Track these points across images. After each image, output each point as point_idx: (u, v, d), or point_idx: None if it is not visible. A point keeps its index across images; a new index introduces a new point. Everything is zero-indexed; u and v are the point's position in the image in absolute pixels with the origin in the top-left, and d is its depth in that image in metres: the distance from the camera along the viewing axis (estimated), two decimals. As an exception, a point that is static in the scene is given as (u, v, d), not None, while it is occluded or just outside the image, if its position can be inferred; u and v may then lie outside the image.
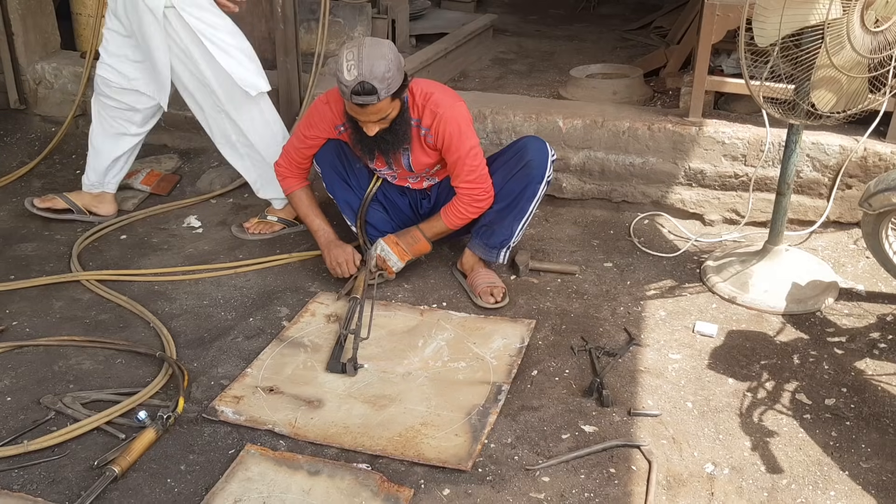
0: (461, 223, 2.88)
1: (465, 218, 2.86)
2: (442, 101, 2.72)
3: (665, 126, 3.34)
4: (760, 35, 2.39)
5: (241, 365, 2.54)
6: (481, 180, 2.79)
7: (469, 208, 2.83)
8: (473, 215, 2.86)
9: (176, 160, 4.04)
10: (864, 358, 2.54)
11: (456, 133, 2.71)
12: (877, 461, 2.12)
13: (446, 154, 2.77)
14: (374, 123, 2.61)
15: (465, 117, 2.75)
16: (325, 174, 2.97)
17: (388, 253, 2.88)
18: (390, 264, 2.89)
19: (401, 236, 2.91)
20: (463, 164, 2.75)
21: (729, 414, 2.30)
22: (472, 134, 2.77)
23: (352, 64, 2.45)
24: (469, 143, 2.74)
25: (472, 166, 2.75)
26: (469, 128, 2.76)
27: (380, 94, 2.48)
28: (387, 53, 2.50)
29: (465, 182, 2.78)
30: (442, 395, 2.38)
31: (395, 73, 2.51)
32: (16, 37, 4.28)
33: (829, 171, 3.21)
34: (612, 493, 2.03)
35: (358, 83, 2.45)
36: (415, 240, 2.91)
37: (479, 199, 2.81)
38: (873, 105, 2.55)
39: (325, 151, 2.93)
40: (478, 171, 2.77)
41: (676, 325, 2.72)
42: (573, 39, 5.40)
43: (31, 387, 2.43)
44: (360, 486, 2.03)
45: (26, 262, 3.18)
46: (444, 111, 2.70)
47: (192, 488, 2.05)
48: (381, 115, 2.58)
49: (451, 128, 2.71)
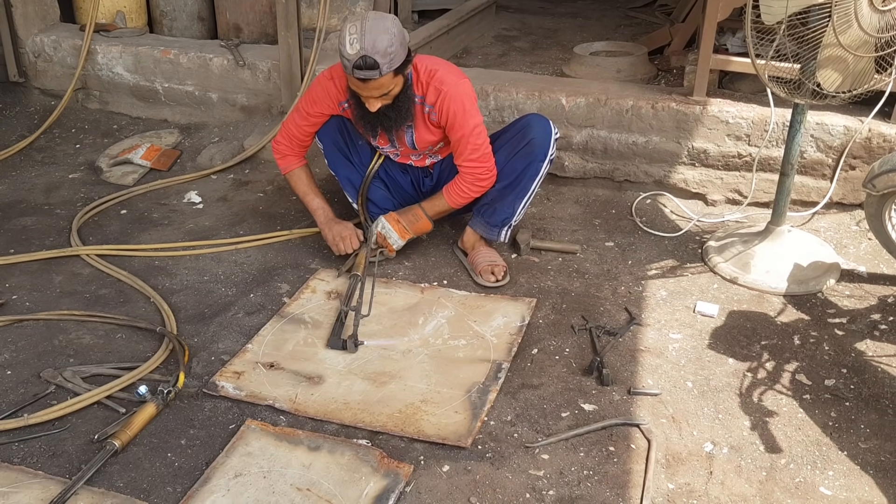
0: (463, 202, 2.87)
1: (467, 197, 2.84)
2: (446, 79, 2.70)
3: (669, 105, 3.32)
4: (767, 13, 2.37)
5: (242, 340, 2.54)
6: (484, 159, 2.77)
7: (472, 187, 2.81)
8: (476, 194, 2.85)
9: (176, 135, 4.02)
10: (864, 339, 2.53)
11: (460, 111, 2.69)
12: (875, 441, 2.13)
13: (450, 132, 2.75)
14: (375, 99, 2.59)
15: (470, 95, 2.73)
16: (327, 150, 2.95)
17: (389, 230, 2.87)
18: (391, 242, 2.88)
19: (402, 214, 2.90)
20: (466, 143, 2.73)
21: (728, 393, 2.31)
22: (476, 112, 2.74)
23: (354, 38, 2.43)
24: (473, 121, 2.72)
25: (475, 145, 2.74)
26: (473, 105, 2.73)
27: (382, 68, 2.45)
28: (390, 28, 2.47)
29: (468, 161, 2.76)
30: (442, 372, 2.38)
31: (397, 49, 2.48)
32: (14, 8, 4.25)
33: (832, 151, 3.19)
34: (611, 471, 2.03)
35: (360, 57, 2.43)
36: (416, 218, 2.89)
37: (482, 177, 2.80)
38: (879, 85, 2.53)
39: (327, 127, 2.91)
40: (481, 150, 2.76)
41: (677, 304, 2.72)
42: (577, 17, 5.36)
43: (32, 361, 2.43)
44: (360, 461, 2.04)
45: (26, 235, 3.17)
46: (448, 88, 2.68)
47: (193, 462, 2.06)
48: (382, 90, 2.55)
49: (456, 105, 2.69)
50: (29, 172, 3.75)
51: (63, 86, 4.27)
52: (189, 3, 4.52)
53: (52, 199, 3.47)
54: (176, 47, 4.15)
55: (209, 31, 4.63)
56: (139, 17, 4.51)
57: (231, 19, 4.41)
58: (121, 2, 4.40)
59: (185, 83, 4.13)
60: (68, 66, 4.28)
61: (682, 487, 1.98)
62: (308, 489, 1.96)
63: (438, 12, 4.79)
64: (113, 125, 4.21)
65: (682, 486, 1.99)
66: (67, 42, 4.27)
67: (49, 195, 3.52)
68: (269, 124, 3.92)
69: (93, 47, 4.21)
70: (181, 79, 4.13)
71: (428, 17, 4.76)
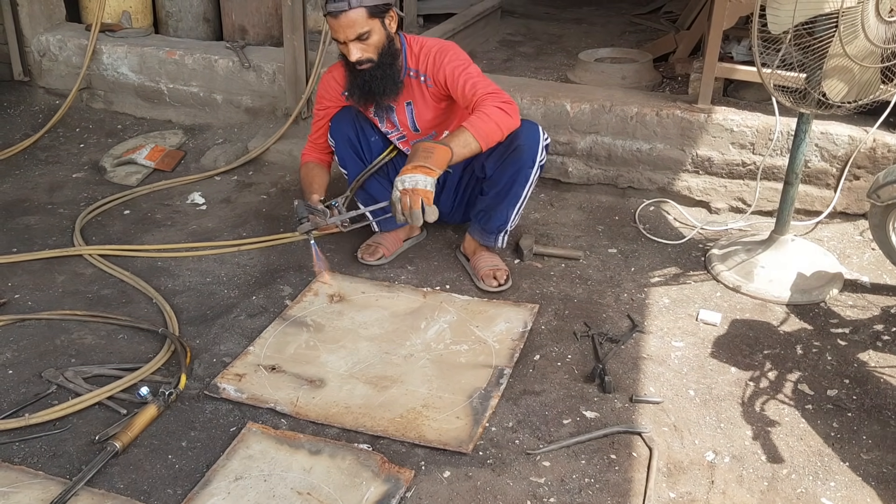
0: (486, 128, 2.52)
1: (490, 121, 2.53)
2: (434, 43, 2.74)
3: (673, 112, 3.32)
4: (774, 22, 2.37)
5: (244, 343, 2.54)
6: (501, 93, 2.61)
7: (493, 110, 2.54)
8: (501, 121, 2.55)
9: (181, 136, 4.02)
10: (867, 350, 2.53)
11: (455, 59, 2.68)
12: (877, 453, 2.12)
13: (452, 86, 2.68)
14: (353, 44, 2.57)
15: (460, 51, 2.74)
16: (338, 148, 2.91)
17: (412, 177, 2.37)
18: (420, 186, 2.36)
19: (412, 160, 2.44)
20: (475, 84, 2.62)
21: (731, 402, 2.30)
22: (472, 63, 2.71)
23: None
24: (473, 68, 2.70)
25: (485, 82, 2.64)
26: (468, 59, 2.72)
27: (351, 1, 2.49)
28: None
29: (484, 93, 2.59)
30: (444, 377, 2.38)
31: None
32: (20, 7, 4.25)
33: (837, 161, 3.19)
34: (612, 479, 2.03)
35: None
36: (426, 149, 2.44)
37: (506, 102, 2.58)
38: (884, 96, 2.53)
39: (341, 124, 2.88)
40: (492, 87, 2.62)
41: (680, 312, 2.72)
42: (581, 23, 5.36)
43: (33, 360, 2.43)
44: (360, 466, 2.03)
45: (29, 235, 3.17)
46: (437, 47, 2.72)
47: (193, 465, 2.06)
48: (357, 28, 2.54)
49: (448, 57, 2.69)
50: (33, 171, 3.75)
51: (68, 85, 4.27)
52: (195, 5, 4.53)
53: (56, 199, 3.47)
54: (181, 48, 4.16)
55: (215, 32, 4.64)
56: (145, 18, 4.52)
57: (237, 21, 4.41)
58: (127, 2, 4.41)
59: (190, 84, 4.14)
60: (73, 66, 4.29)
61: (683, 496, 1.98)
62: (308, 493, 1.95)
63: (444, 17, 4.79)
64: (117, 125, 4.22)
65: (684, 495, 1.98)
66: (73, 41, 4.28)
67: (52, 194, 3.52)
68: (273, 126, 3.92)
69: (98, 47, 4.21)
70: (186, 80, 4.13)
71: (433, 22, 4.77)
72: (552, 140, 3.48)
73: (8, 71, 4.37)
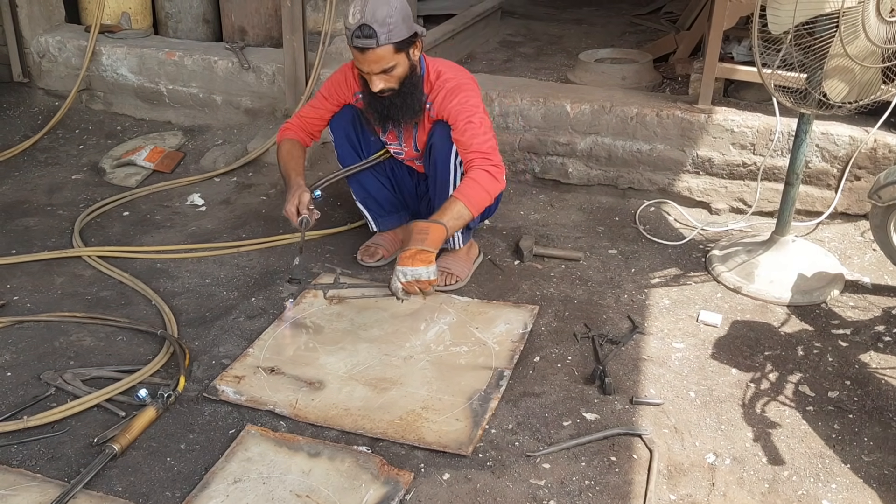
0: (478, 197, 2.52)
1: (481, 189, 2.52)
2: (451, 76, 2.68)
3: (674, 113, 3.31)
4: (774, 22, 2.36)
5: (243, 345, 2.53)
6: (489, 150, 2.58)
7: (482, 175, 2.53)
8: (490, 187, 2.54)
9: (180, 137, 4.02)
10: (868, 351, 2.52)
11: (464, 105, 2.62)
12: (879, 455, 2.12)
13: (453, 126, 2.63)
14: (377, 76, 2.54)
15: (473, 92, 2.67)
16: (337, 142, 2.88)
17: (413, 271, 2.37)
18: (424, 279, 2.37)
19: (408, 242, 2.43)
20: (472, 136, 2.57)
21: (731, 404, 2.29)
22: (476, 102, 2.65)
23: (357, 9, 2.45)
24: (478, 118, 2.61)
25: (482, 138, 2.58)
26: (477, 103, 2.65)
27: (379, 38, 2.43)
28: (392, 1, 2.47)
29: (478, 152, 2.56)
30: (443, 379, 2.37)
31: (398, 21, 2.46)
32: (20, 8, 4.25)
33: (838, 161, 3.18)
34: (612, 481, 2.02)
35: (358, 26, 2.43)
36: (421, 231, 2.44)
37: (495, 163, 2.56)
38: (885, 96, 2.53)
39: (340, 120, 2.85)
40: (488, 143, 2.59)
41: (680, 313, 2.71)
42: (581, 23, 5.35)
43: (32, 362, 2.42)
44: (360, 468, 2.02)
45: (28, 236, 3.17)
46: (453, 82, 2.65)
47: (192, 467, 2.05)
48: (382, 64, 2.50)
49: (459, 98, 2.62)
50: (32, 173, 3.74)
51: (67, 86, 4.27)
52: (194, 6, 4.53)
53: (55, 200, 3.47)
54: (181, 49, 4.15)
55: (214, 33, 4.63)
56: (144, 19, 4.51)
57: (236, 22, 4.41)
58: (126, 3, 4.40)
59: (190, 85, 4.13)
60: (73, 67, 4.28)
61: (683, 499, 1.97)
62: (307, 496, 1.95)
63: (444, 17, 4.79)
64: (116, 126, 4.21)
65: (684, 498, 1.97)
66: (72, 43, 4.27)
67: (52, 196, 3.51)
68: (272, 127, 3.91)
69: (97, 48, 4.21)
70: (185, 81, 4.13)
71: (433, 22, 4.75)
72: (552, 140, 3.48)
73: (7, 72, 4.37)
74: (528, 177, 3.60)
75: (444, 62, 2.76)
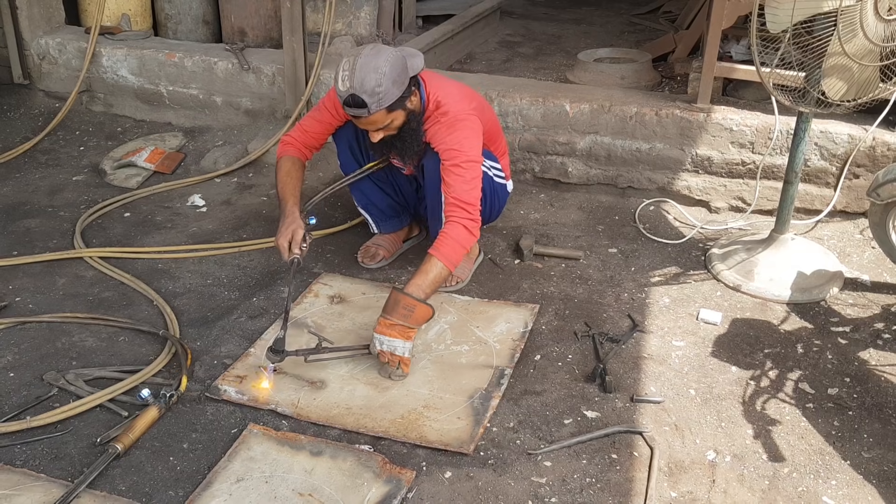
0: (454, 255, 2.46)
1: (457, 246, 2.47)
2: (452, 108, 2.59)
3: (673, 112, 3.32)
4: (773, 21, 2.37)
5: (245, 344, 2.54)
6: (469, 198, 2.50)
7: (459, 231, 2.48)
8: (466, 242, 2.50)
9: (180, 138, 4.02)
10: (867, 348, 2.53)
11: (456, 147, 2.54)
12: (878, 451, 2.12)
13: (442, 160, 2.57)
14: (374, 132, 2.54)
15: (472, 134, 2.58)
16: (341, 152, 2.88)
17: (390, 342, 2.34)
18: (399, 353, 2.35)
19: (389, 313, 2.35)
20: (454, 181, 2.51)
21: (731, 402, 2.30)
22: (469, 147, 2.55)
23: (345, 75, 2.39)
24: (469, 164, 2.53)
25: (465, 187, 2.51)
26: (472, 146, 2.56)
27: (370, 107, 2.39)
28: (381, 66, 2.37)
29: (457, 201, 2.50)
30: (444, 378, 2.38)
31: (388, 87, 2.39)
32: (20, 10, 4.26)
33: (836, 160, 3.19)
34: (613, 478, 2.03)
35: (349, 95, 2.39)
36: (407, 307, 2.36)
37: (472, 217, 2.49)
38: (884, 94, 2.53)
39: (343, 130, 2.83)
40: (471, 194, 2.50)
41: (680, 312, 2.72)
42: (580, 23, 5.36)
43: (34, 363, 2.43)
44: (362, 467, 2.03)
45: (30, 237, 3.17)
46: (450, 117, 2.58)
47: (195, 466, 2.06)
48: (377, 125, 2.50)
49: (454, 137, 2.55)
50: (33, 174, 3.75)
51: (67, 88, 4.28)
52: (194, 7, 4.53)
53: (56, 202, 3.48)
54: (181, 50, 4.16)
55: (214, 34, 4.64)
56: (144, 20, 4.52)
57: (236, 23, 4.42)
58: (126, 4, 4.41)
59: (190, 86, 4.14)
60: (73, 69, 4.29)
61: (684, 496, 1.98)
62: (310, 494, 1.96)
63: (443, 17, 4.80)
64: (117, 128, 4.22)
65: (685, 495, 1.98)
66: (72, 44, 4.28)
67: (53, 197, 3.52)
68: (273, 128, 3.92)
69: (98, 50, 4.22)
70: (185, 82, 4.14)
71: (433, 23, 4.77)
72: (552, 140, 3.48)
73: (7, 74, 4.38)
74: (527, 176, 3.61)
75: (446, 88, 2.65)
